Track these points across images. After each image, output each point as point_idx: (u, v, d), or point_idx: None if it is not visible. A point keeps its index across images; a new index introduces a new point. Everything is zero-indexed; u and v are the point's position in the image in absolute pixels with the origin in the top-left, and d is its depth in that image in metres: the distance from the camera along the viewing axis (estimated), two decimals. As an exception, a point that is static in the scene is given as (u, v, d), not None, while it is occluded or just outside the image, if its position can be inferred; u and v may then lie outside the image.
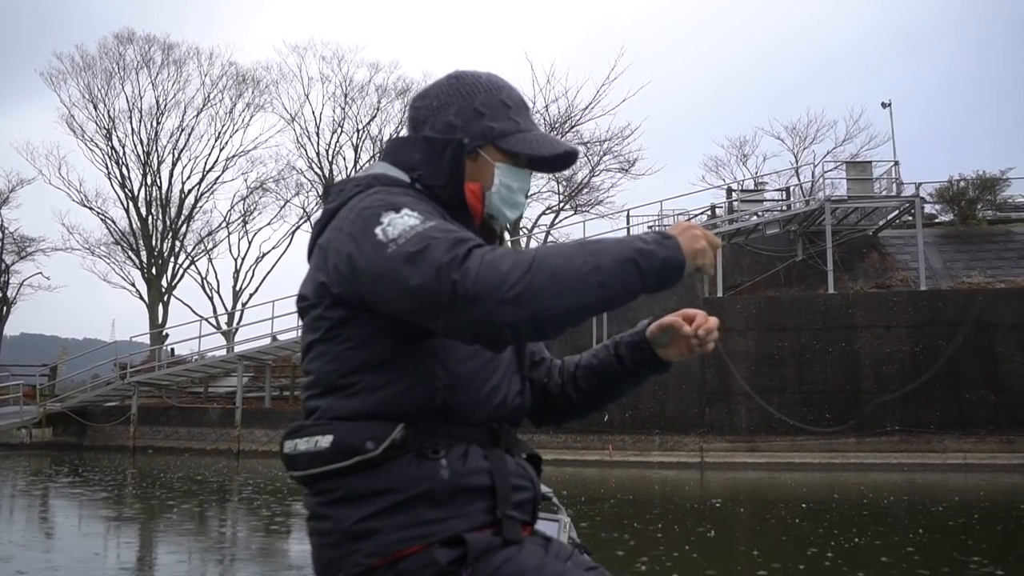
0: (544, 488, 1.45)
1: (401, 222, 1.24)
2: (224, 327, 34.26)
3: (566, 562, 1.35)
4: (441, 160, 1.39)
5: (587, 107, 31.87)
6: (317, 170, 35.43)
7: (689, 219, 25.30)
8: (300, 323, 1.43)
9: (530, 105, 1.52)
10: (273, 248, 37.90)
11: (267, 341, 24.83)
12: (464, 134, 1.41)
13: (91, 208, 35.80)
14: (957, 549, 7.71)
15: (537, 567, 1.27)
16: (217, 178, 36.11)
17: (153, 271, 35.08)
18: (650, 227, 26.55)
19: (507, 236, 1.56)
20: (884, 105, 27.19)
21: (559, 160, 1.46)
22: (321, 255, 1.35)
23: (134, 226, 35.33)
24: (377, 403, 1.30)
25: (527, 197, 1.51)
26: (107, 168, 35.31)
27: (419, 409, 1.30)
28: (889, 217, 23.98)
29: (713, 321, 1.44)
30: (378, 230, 1.25)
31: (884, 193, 23.29)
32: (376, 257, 1.24)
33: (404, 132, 1.51)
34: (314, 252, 1.39)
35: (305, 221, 35.87)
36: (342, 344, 1.33)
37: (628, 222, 26.60)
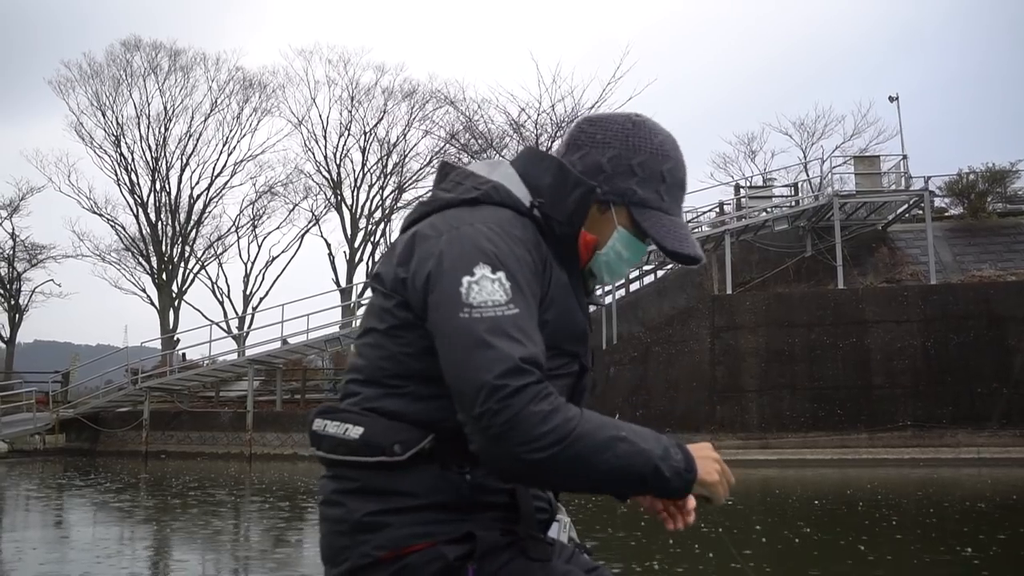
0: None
1: (489, 289, 1.19)
2: (235, 331, 34.36)
3: (567, 563, 1.36)
4: (567, 197, 1.32)
5: (593, 105, 31.88)
6: (325, 173, 35.60)
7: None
8: (368, 296, 1.39)
9: (687, 188, 1.43)
10: (283, 252, 37.87)
11: (277, 344, 24.91)
12: (605, 183, 1.36)
13: (101, 215, 36.10)
14: (968, 544, 7.68)
15: (543, 566, 1.28)
16: (226, 183, 36.35)
17: (163, 276, 35.26)
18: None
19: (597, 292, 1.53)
20: (891, 99, 27.11)
21: (679, 257, 1.37)
22: (410, 248, 1.30)
23: (144, 232, 35.54)
24: (417, 411, 1.28)
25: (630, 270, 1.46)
26: (116, 175, 35.60)
27: (456, 427, 1.24)
28: (898, 211, 23.89)
29: (691, 519, 1.34)
30: (465, 280, 1.20)
31: (893, 187, 23.20)
32: (446, 310, 1.20)
33: (552, 145, 1.42)
34: (407, 235, 1.34)
35: (314, 224, 36.07)
36: (400, 346, 1.30)
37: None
